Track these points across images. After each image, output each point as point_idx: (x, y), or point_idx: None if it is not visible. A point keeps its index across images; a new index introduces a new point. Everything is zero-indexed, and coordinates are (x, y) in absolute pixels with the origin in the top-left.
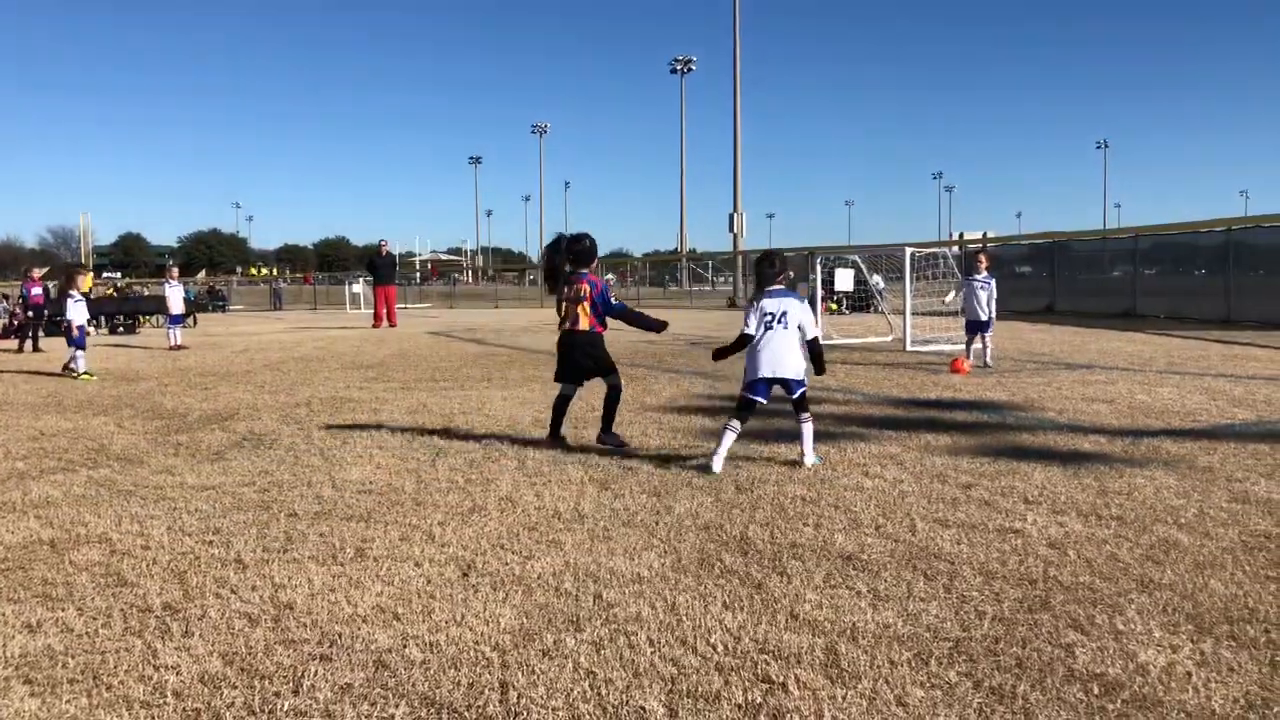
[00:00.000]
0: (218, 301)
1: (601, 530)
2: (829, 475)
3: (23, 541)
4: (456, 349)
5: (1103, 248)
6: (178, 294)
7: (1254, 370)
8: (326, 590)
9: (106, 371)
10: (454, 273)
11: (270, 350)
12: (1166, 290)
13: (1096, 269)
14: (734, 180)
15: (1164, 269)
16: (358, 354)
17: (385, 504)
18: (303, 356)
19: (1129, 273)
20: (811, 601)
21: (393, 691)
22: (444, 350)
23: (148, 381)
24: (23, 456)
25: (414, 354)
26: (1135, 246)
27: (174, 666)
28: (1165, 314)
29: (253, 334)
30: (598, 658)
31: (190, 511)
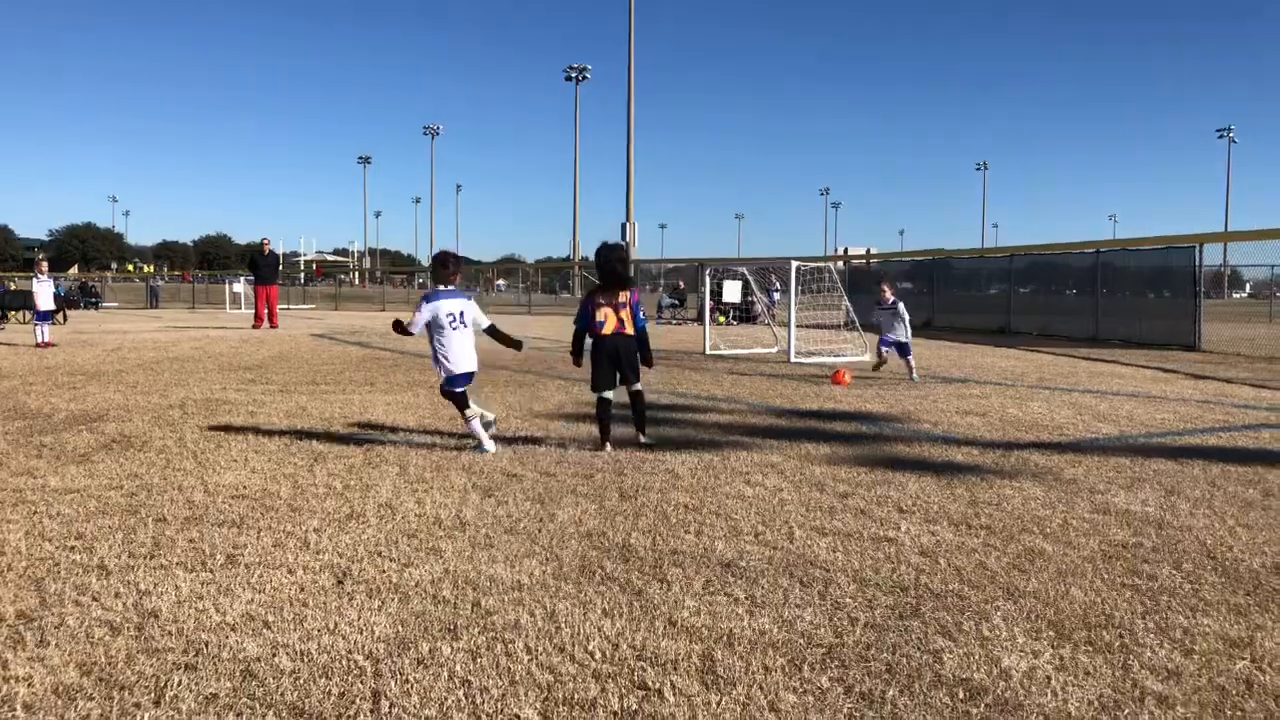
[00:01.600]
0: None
1: (483, 537)
2: (713, 483)
3: None
4: (339, 352)
5: (980, 266)
6: (46, 289)
7: (1118, 386)
8: (194, 598)
9: None
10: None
11: (145, 349)
12: (1039, 308)
13: (974, 286)
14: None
15: (1037, 287)
16: (236, 355)
17: (259, 509)
18: (179, 356)
19: (1004, 290)
20: (690, 608)
21: (260, 701)
22: (326, 353)
23: (11, 380)
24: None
25: (295, 356)
26: (1011, 265)
27: (25, 678)
28: (1038, 331)
29: (127, 332)
30: (474, 666)
31: (51, 516)
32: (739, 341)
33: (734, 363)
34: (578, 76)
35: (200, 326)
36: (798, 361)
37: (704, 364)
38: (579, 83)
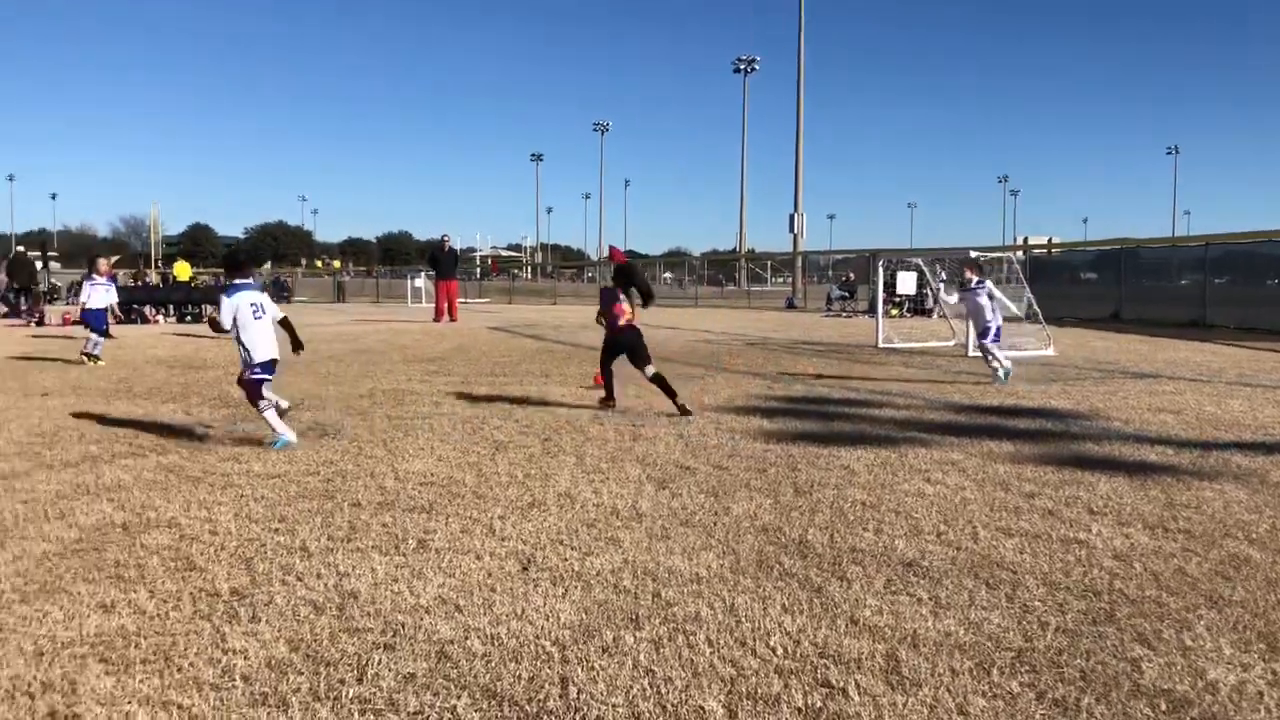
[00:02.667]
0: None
1: (660, 529)
2: (890, 480)
3: (96, 524)
4: (516, 344)
5: (1171, 255)
6: None
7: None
8: (389, 580)
9: (174, 359)
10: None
11: (334, 342)
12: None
13: (1165, 277)
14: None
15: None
16: (419, 347)
17: (446, 496)
18: (365, 349)
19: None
20: (872, 607)
21: (454, 682)
22: (504, 345)
23: (214, 370)
24: (96, 440)
25: (474, 349)
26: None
27: (242, 651)
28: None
29: (317, 325)
30: (657, 656)
31: (256, 499)
32: (913, 334)
33: (908, 356)
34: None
35: (384, 320)
36: (977, 355)
37: (877, 358)
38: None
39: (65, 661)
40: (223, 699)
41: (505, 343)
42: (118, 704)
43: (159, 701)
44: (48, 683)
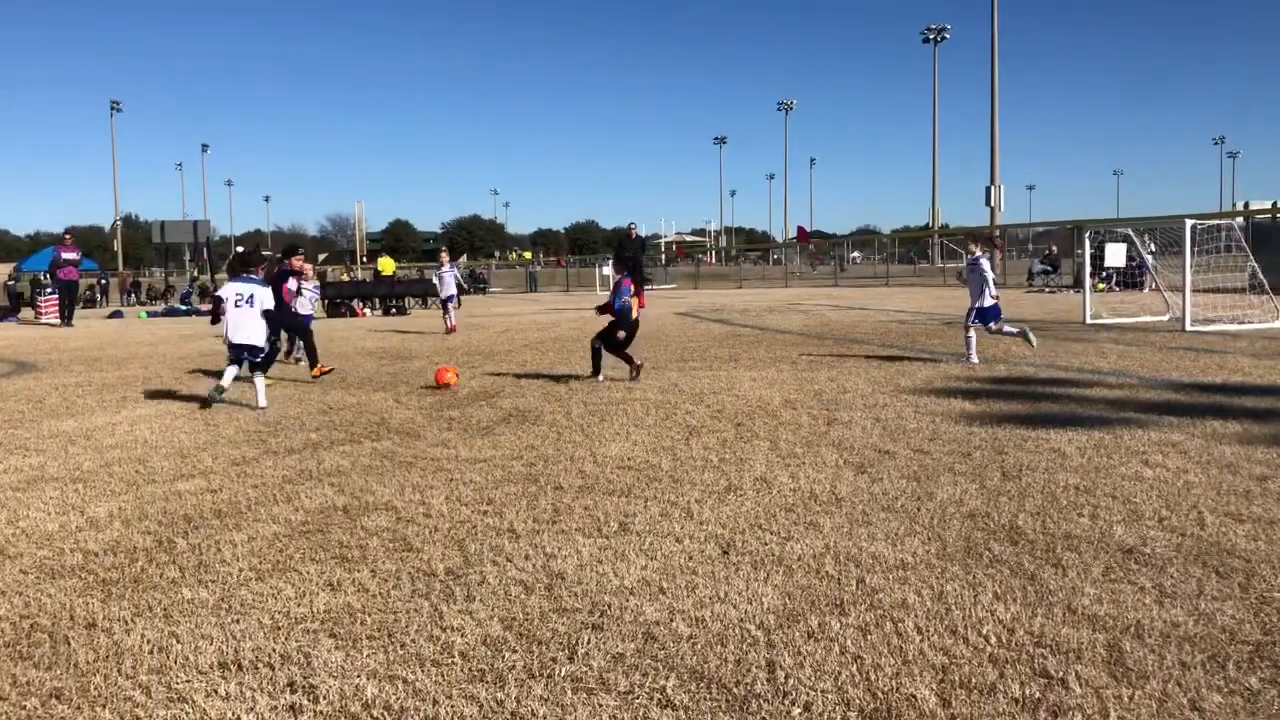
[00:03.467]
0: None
1: (860, 514)
2: (1105, 464)
3: (320, 507)
4: (703, 329)
5: None
6: (449, 277)
7: None
8: (594, 562)
9: (383, 351)
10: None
11: (529, 331)
12: None
13: None
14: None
15: None
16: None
17: (644, 480)
18: (559, 337)
19: None
20: (1090, 595)
21: (662, 663)
22: (691, 331)
23: (419, 360)
24: (315, 429)
25: (663, 334)
26: None
27: (459, 629)
28: None
29: (512, 315)
30: (864, 642)
31: (465, 483)
32: (1123, 309)
33: (1119, 333)
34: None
35: (575, 308)
36: (1195, 330)
37: (1085, 334)
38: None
39: (299, 636)
40: (443, 674)
41: (692, 328)
42: (348, 677)
43: (385, 676)
44: (285, 655)
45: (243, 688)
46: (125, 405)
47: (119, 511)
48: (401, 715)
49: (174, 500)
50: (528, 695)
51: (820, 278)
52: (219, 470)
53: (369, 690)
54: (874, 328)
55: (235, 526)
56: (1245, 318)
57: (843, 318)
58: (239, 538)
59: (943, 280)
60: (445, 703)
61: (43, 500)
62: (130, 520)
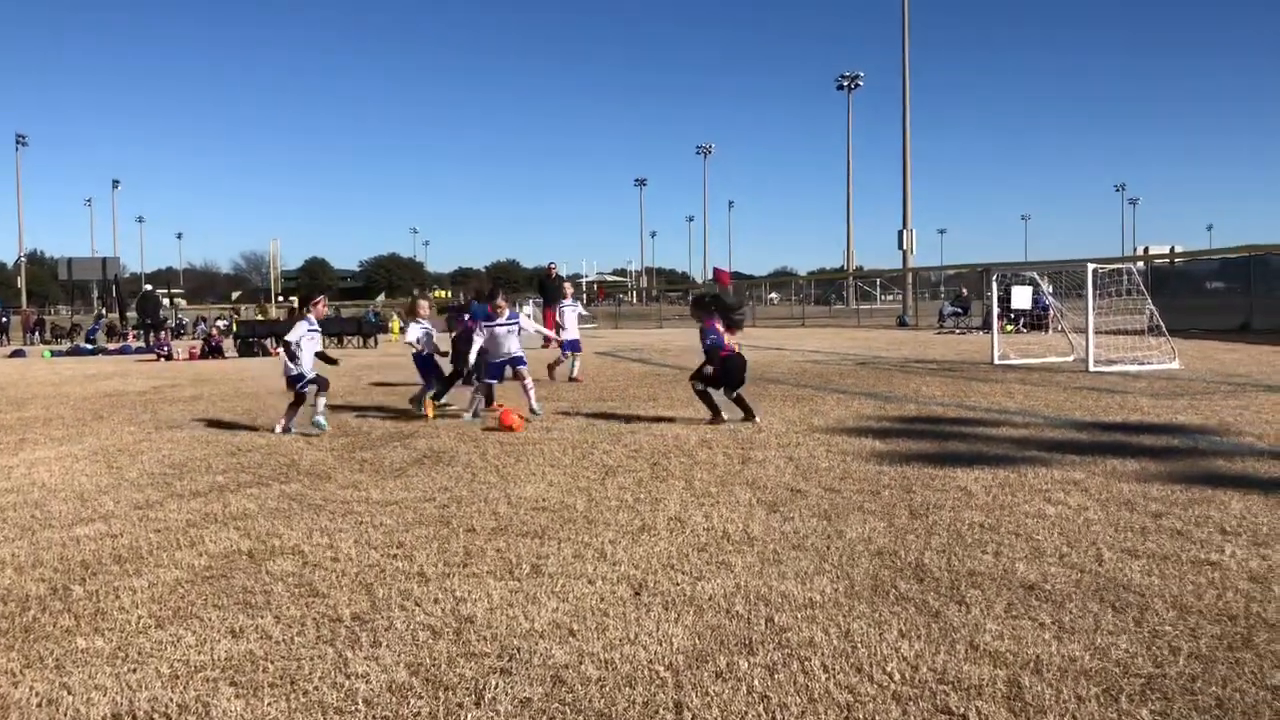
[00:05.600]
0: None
1: (771, 553)
2: (1009, 501)
3: (224, 551)
4: (623, 368)
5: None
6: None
7: None
8: (505, 605)
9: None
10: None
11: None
12: None
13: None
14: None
15: None
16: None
17: (558, 521)
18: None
19: None
20: (992, 632)
21: (570, 707)
22: (611, 370)
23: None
24: (222, 470)
25: (582, 373)
26: None
27: (364, 675)
28: None
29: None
30: (771, 681)
31: (375, 526)
32: (1030, 350)
33: (1025, 373)
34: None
35: None
36: (1098, 371)
37: (993, 374)
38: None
39: (199, 685)
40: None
41: (612, 367)
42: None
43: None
44: (183, 705)
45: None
46: (24, 447)
47: (11, 558)
48: None
49: (71, 546)
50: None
51: None
52: (120, 514)
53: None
54: (789, 367)
55: (135, 572)
56: (1145, 359)
57: (759, 357)
58: (139, 584)
59: (857, 321)
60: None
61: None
62: (24, 567)
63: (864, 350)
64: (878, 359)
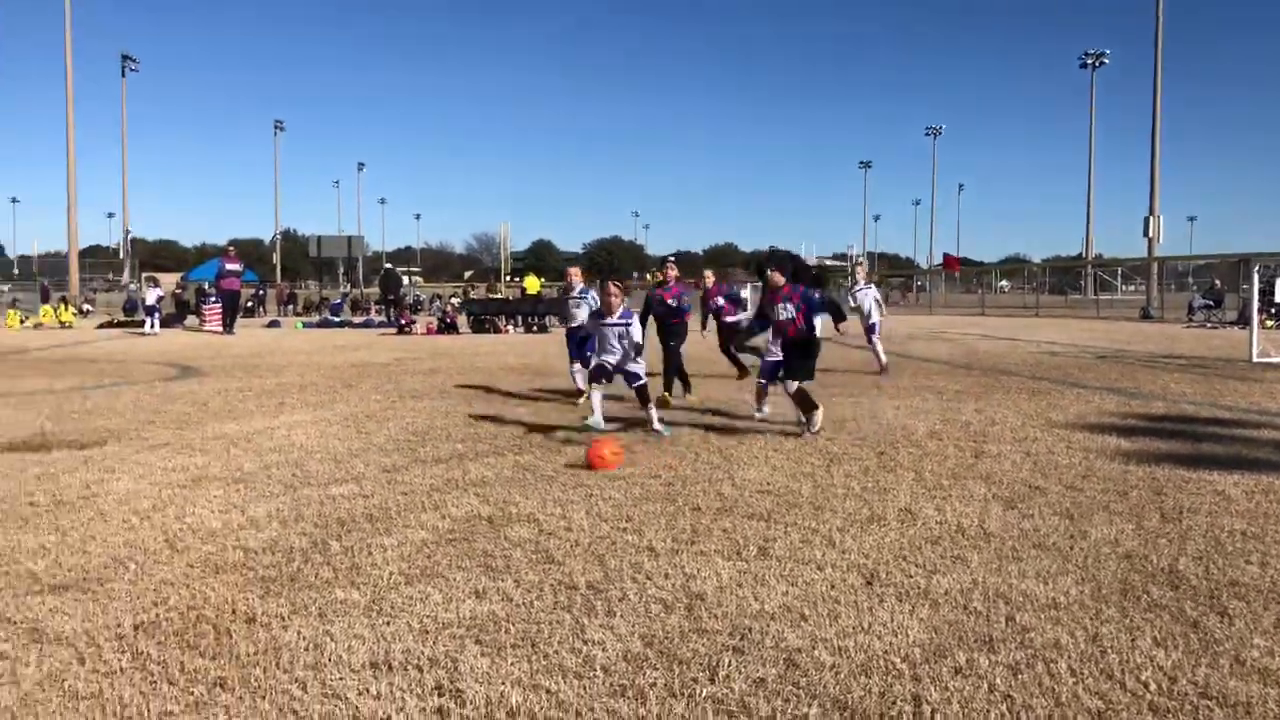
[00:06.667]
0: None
1: (1010, 550)
2: (1274, 509)
3: (465, 515)
4: (841, 354)
5: None
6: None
7: None
8: (734, 585)
9: (525, 366)
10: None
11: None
12: None
13: None
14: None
15: None
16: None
17: (784, 505)
18: (698, 356)
19: None
20: (1260, 647)
21: (804, 691)
22: (831, 356)
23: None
24: (461, 440)
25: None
26: None
27: (600, 642)
28: None
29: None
30: (1015, 682)
31: (605, 499)
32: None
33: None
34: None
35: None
36: None
37: (1250, 373)
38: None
39: (446, 641)
40: (585, 687)
41: (829, 351)
42: (493, 683)
43: (529, 684)
44: (433, 659)
45: (392, 688)
46: (283, 411)
47: (277, 512)
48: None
49: (328, 504)
50: (669, 713)
51: (966, 306)
52: (370, 476)
53: (514, 698)
54: (1023, 359)
55: (385, 531)
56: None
57: (991, 347)
58: (389, 542)
59: (1095, 312)
60: (588, 714)
61: (208, 499)
62: (287, 521)
63: (1105, 343)
64: (1120, 353)
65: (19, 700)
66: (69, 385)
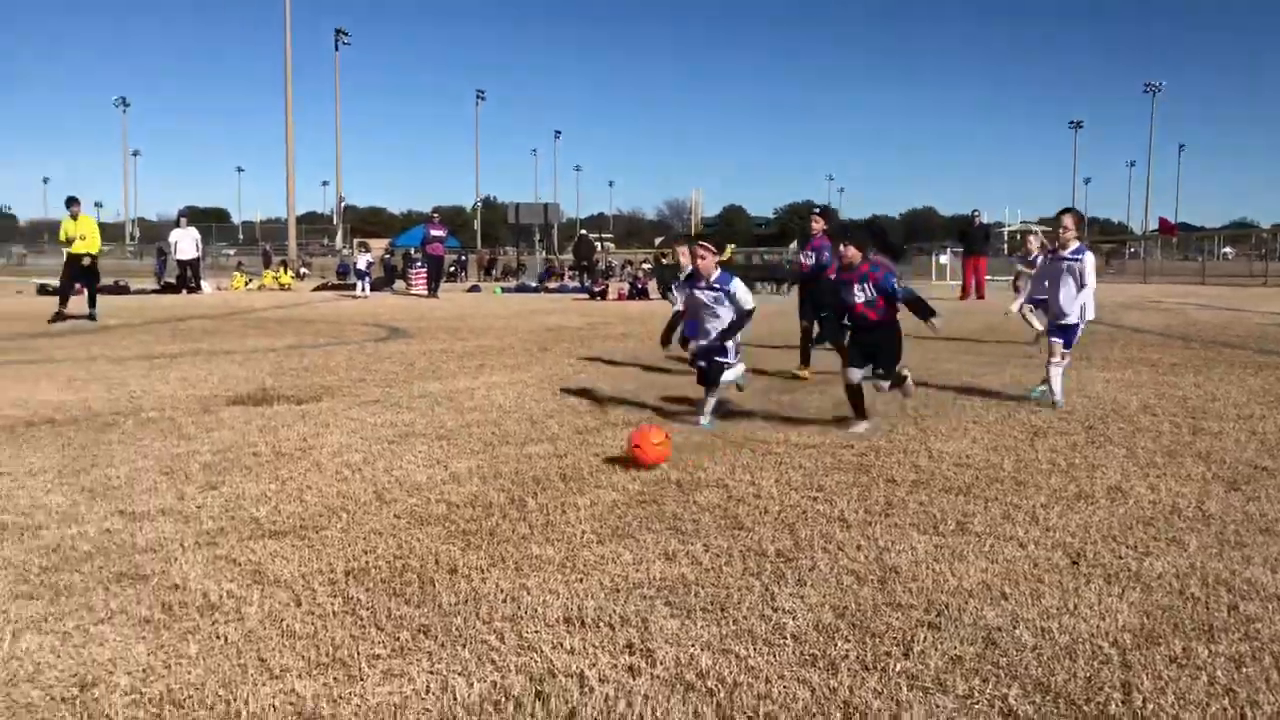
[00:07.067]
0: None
1: (1232, 535)
2: None
3: (655, 478)
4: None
5: None
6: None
7: None
8: (930, 559)
9: None
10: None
11: None
12: None
13: None
14: None
15: None
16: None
17: (984, 480)
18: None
19: None
20: None
21: (1005, 671)
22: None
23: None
24: (651, 404)
25: (1002, 328)
26: None
27: (790, 611)
28: None
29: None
30: (1238, 675)
31: (795, 467)
32: None
33: None
34: None
35: None
36: None
37: None
38: None
39: (637, 600)
40: (775, 654)
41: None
42: (683, 645)
43: (719, 648)
44: (624, 617)
45: (585, 644)
46: (482, 372)
47: (477, 469)
48: (734, 690)
49: (525, 462)
50: (861, 686)
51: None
52: (564, 437)
53: (703, 660)
54: (1250, 331)
55: (578, 491)
56: None
57: (1211, 318)
58: (582, 501)
59: None
60: (777, 682)
61: (413, 454)
62: (487, 477)
63: None
64: None
65: (244, 635)
66: (288, 344)
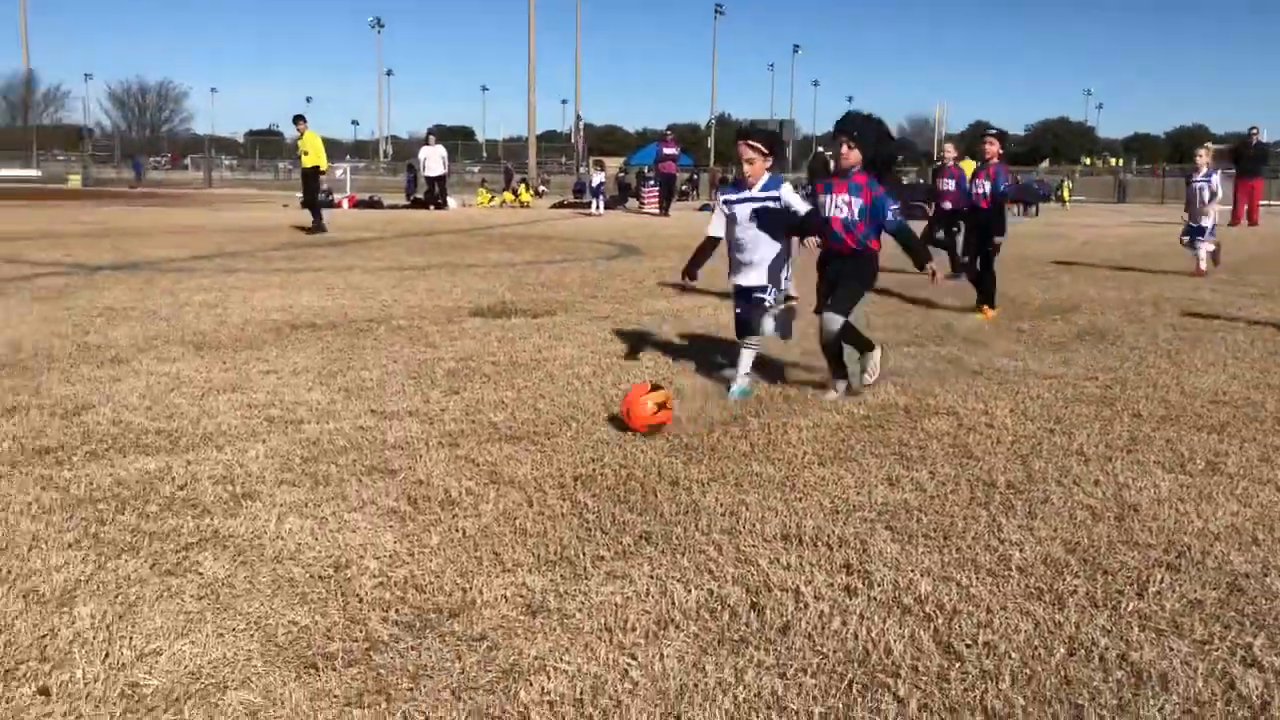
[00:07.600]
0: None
1: None
2: None
3: (882, 403)
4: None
5: None
6: None
7: None
8: (1174, 499)
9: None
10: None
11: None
12: None
13: None
14: None
15: None
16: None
17: (1241, 418)
18: (1145, 253)
19: None
20: None
21: (1249, 619)
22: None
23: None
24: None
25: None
26: None
27: (1017, 543)
28: None
29: (1094, 226)
30: None
31: (1032, 398)
32: None
33: None
34: None
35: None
36: None
37: None
38: None
39: (856, 523)
40: (999, 585)
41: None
42: (902, 570)
43: (939, 575)
44: (843, 538)
45: (802, 561)
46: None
47: (700, 387)
48: (954, 617)
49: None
50: (1088, 623)
51: None
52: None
53: (923, 586)
54: None
55: (802, 413)
56: None
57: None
58: (804, 423)
59: None
60: (999, 613)
61: (639, 368)
62: (710, 395)
63: None
64: None
65: (480, 530)
66: (526, 259)
